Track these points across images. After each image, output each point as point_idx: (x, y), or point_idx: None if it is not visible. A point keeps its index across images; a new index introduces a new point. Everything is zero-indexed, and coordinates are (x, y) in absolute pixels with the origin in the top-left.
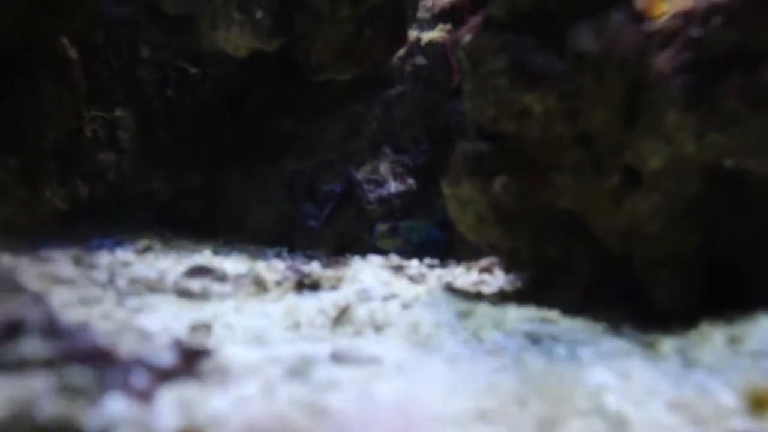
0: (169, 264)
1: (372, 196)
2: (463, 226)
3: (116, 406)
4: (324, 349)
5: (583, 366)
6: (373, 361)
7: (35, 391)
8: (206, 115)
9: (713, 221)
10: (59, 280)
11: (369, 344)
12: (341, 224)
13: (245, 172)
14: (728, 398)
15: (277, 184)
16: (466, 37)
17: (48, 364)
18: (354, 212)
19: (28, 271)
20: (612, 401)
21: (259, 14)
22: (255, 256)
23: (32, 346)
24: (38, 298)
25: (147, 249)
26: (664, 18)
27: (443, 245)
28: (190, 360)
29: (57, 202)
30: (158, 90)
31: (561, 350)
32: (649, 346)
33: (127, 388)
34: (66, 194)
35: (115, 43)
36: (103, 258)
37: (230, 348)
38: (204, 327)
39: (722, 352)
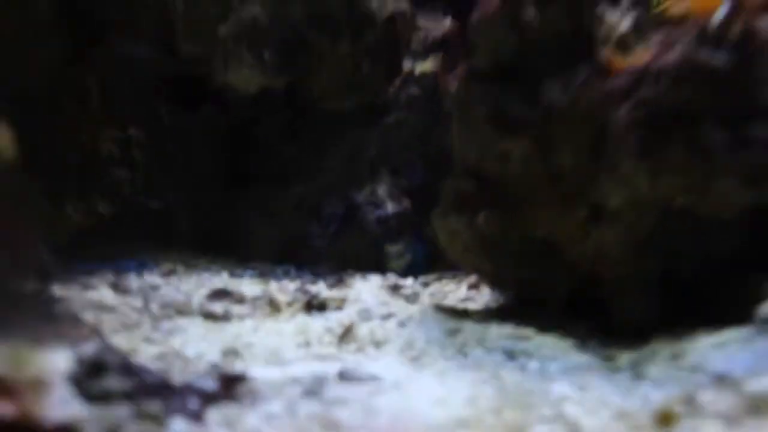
0: (192, 287)
1: (371, 217)
2: (452, 253)
3: (179, 426)
4: (332, 368)
5: (550, 379)
6: (374, 378)
7: (121, 417)
8: (219, 141)
9: (668, 248)
10: (103, 308)
11: (370, 362)
12: (343, 243)
13: (255, 194)
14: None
15: (284, 206)
16: (454, 85)
17: (127, 395)
18: (355, 232)
19: (77, 299)
20: (571, 410)
21: (267, 55)
22: (266, 274)
23: (114, 382)
24: (96, 330)
25: (171, 272)
26: (623, 75)
27: (429, 258)
28: (228, 385)
29: (78, 218)
30: (171, 115)
31: (533, 365)
32: (609, 360)
33: (185, 412)
34: (86, 210)
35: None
36: (134, 281)
37: (256, 369)
38: (233, 353)
39: (666, 366)
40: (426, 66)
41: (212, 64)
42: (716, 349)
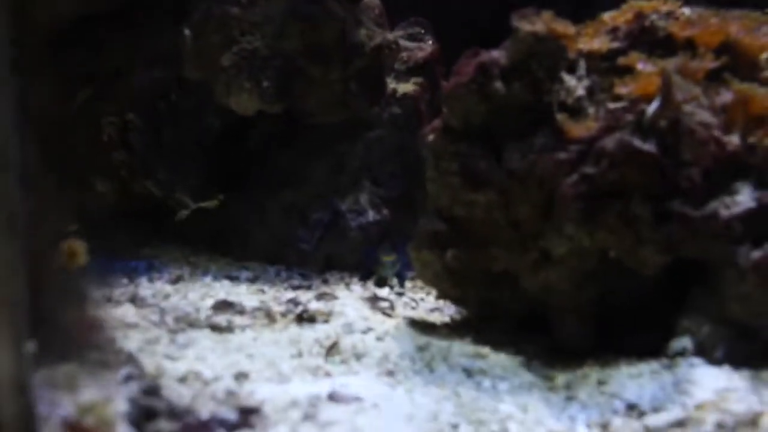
0: (197, 296)
1: (354, 224)
2: (424, 279)
3: None
4: (323, 387)
5: (499, 398)
6: (357, 399)
7: None
8: (215, 149)
9: (603, 286)
10: (128, 326)
11: (352, 377)
12: (328, 247)
13: (248, 200)
14: (583, 430)
15: (275, 212)
16: (430, 137)
17: None
18: (339, 238)
19: (104, 318)
20: (514, 428)
21: (265, 84)
22: (259, 275)
23: (164, 426)
24: (131, 357)
25: (179, 279)
26: (571, 148)
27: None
28: (246, 415)
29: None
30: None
31: (487, 383)
32: (548, 379)
33: None
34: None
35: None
36: (147, 289)
37: (262, 388)
38: (243, 376)
39: (592, 391)
40: (407, 87)
41: (215, 89)
42: (632, 379)
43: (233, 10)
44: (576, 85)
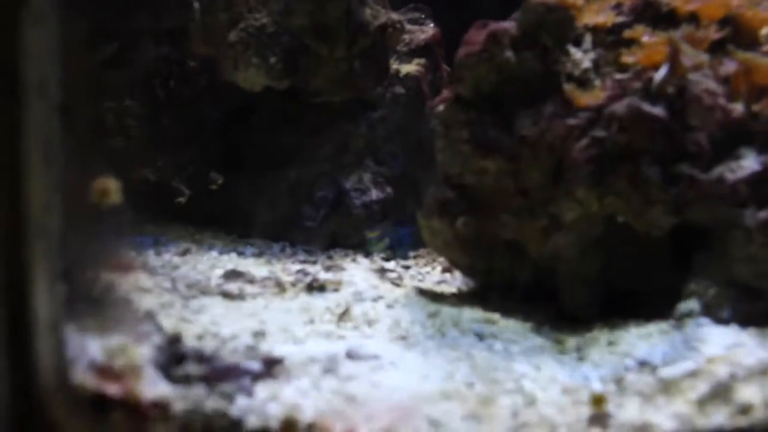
0: (207, 267)
1: (357, 202)
2: (434, 248)
3: (243, 401)
4: (339, 346)
5: (512, 359)
6: (375, 357)
7: (200, 394)
8: (219, 128)
9: (611, 250)
10: (143, 290)
11: (366, 340)
12: (332, 225)
13: (254, 177)
14: (598, 387)
15: (280, 189)
16: (440, 107)
17: (203, 378)
18: (343, 215)
19: (119, 282)
20: (528, 385)
21: (272, 59)
22: (264, 251)
23: (193, 369)
24: (151, 315)
25: (187, 251)
26: (581, 114)
27: (411, 239)
28: (270, 366)
29: None
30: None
31: (498, 346)
32: (559, 343)
33: (243, 389)
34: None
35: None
36: (156, 260)
37: (280, 347)
38: (260, 334)
39: (603, 351)
40: (410, 68)
41: (222, 66)
42: (642, 339)
43: None
44: (582, 57)
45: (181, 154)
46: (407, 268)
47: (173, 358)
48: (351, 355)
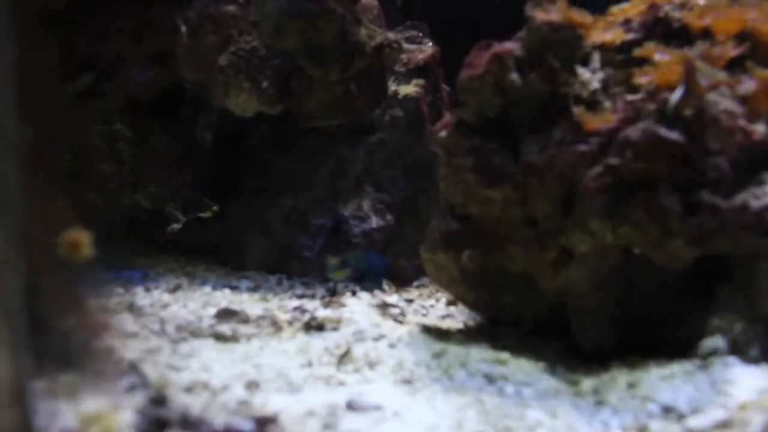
0: (198, 305)
1: (357, 230)
2: (438, 282)
3: None
4: (339, 396)
5: (525, 404)
6: (377, 407)
7: None
8: (211, 155)
9: (628, 283)
10: (128, 335)
11: (369, 385)
12: (331, 255)
13: (246, 207)
14: None
15: (275, 218)
16: (442, 133)
17: None
18: (342, 245)
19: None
20: None
21: (264, 84)
22: (260, 284)
23: None
24: (135, 367)
25: (177, 288)
26: (592, 139)
27: (383, 269)
28: (262, 425)
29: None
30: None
31: (510, 389)
32: (574, 384)
33: None
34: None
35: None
36: (144, 298)
37: (275, 399)
38: (254, 385)
39: (623, 394)
40: (408, 89)
41: (212, 91)
42: (664, 380)
43: (230, 8)
44: (591, 77)
45: (173, 179)
46: (410, 301)
47: (156, 424)
48: (352, 406)
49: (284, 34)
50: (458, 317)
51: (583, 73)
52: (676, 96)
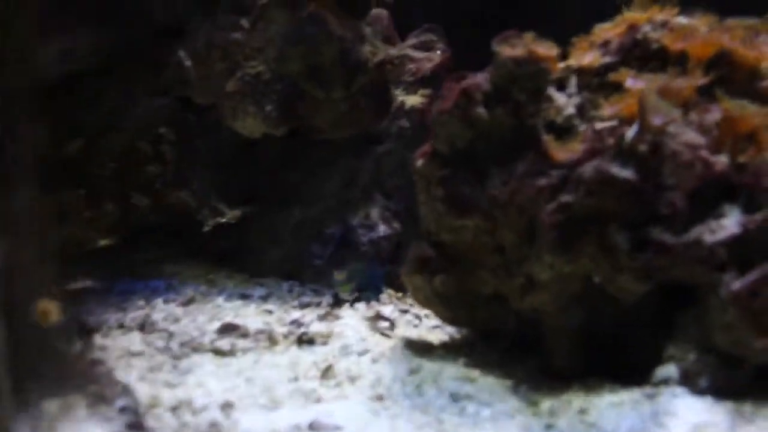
0: (206, 319)
1: (365, 239)
2: (417, 302)
3: None
4: (309, 416)
5: (480, 425)
6: (336, 429)
7: None
8: (231, 165)
9: (593, 307)
10: (132, 354)
11: (341, 402)
12: (340, 263)
13: (263, 216)
14: None
15: (288, 227)
16: (419, 162)
17: None
18: (351, 253)
19: (111, 347)
20: None
21: (268, 108)
22: (273, 292)
23: None
24: (126, 389)
25: (191, 301)
26: (552, 174)
27: (382, 280)
28: None
29: (117, 215)
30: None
31: (471, 408)
32: (533, 405)
33: None
34: (125, 206)
35: None
36: (160, 313)
37: (248, 418)
38: (229, 405)
39: (573, 419)
40: (415, 99)
41: (222, 113)
42: (612, 408)
43: (235, 35)
44: (566, 102)
45: (208, 182)
46: (405, 311)
47: None
48: (313, 427)
49: (287, 58)
50: (447, 328)
51: (559, 98)
52: (631, 131)
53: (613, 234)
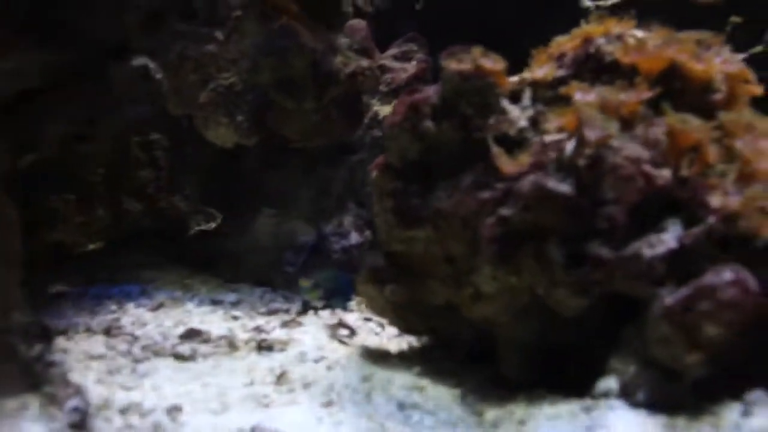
0: (171, 324)
1: (337, 247)
2: (372, 311)
3: None
4: (254, 419)
5: None
6: None
7: None
8: (210, 172)
9: (542, 319)
10: (92, 357)
11: (290, 409)
12: (312, 271)
13: (239, 223)
14: None
15: (262, 235)
16: (374, 173)
17: None
18: (323, 261)
19: (73, 350)
20: None
21: (239, 118)
22: (245, 297)
23: None
24: (80, 391)
25: (160, 306)
26: (498, 185)
27: (351, 288)
28: None
29: (108, 219)
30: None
31: (416, 417)
32: (478, 415)
33: None
34: (115, 211)
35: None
36: (129, 316)
37: (194, 420)
38: (176, 409)
39: (512, 430)
40: (388, 110)
41: (196, 123)
42: (550, 420)
43: (209, 47)
44: (519, 115)
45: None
46: (368, 319)
47: None
48: (254, 431)
49: (259, 69)
50: (408, 337)
51: (512, 110)
52: (570, 146)
53: (549, 248)
